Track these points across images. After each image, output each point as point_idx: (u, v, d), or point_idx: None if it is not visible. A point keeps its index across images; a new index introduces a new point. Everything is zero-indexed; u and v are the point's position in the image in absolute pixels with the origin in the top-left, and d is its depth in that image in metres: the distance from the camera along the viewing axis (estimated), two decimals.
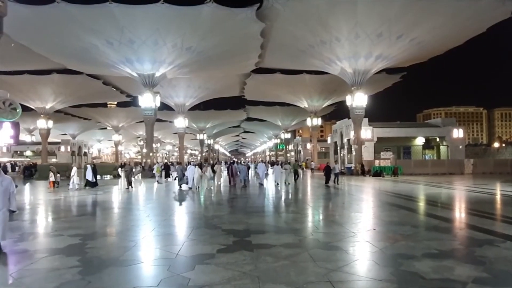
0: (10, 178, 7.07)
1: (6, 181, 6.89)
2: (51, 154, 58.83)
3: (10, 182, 6.98)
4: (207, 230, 8.75)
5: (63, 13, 23.97)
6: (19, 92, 37.36)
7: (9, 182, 6.93)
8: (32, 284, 4.99)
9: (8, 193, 6.86)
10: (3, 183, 6.83)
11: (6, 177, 6.98)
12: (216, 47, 29.22)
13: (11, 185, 6.96)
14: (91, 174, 21.16)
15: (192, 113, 54.11)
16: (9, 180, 6.98)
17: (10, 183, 6.97)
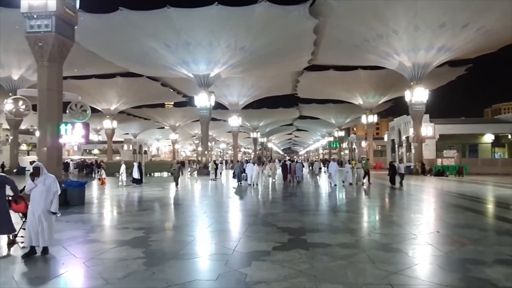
0: (53, 177, 6.54)
1: (49, 180, 6.42)
2: (115, 152, 62.84)
3: (54, 181, 6.47)
4: (262, 227, 8.83)
5: (126, 20, 25.50)
6: (87, 95, 40.34)
7: (52, 181, 6.43)
8: (103, 273, 5.38)
9: (51, 193, 6.37)
10: (46, 182, 6.36)
11: (49, 176, 6.51)
12: (268, 45, 29.33)
13: (54, 184, 6.45)
14: (137, 172, 22.39)
15: (245, 112, 54.83)
16: (52, 179, 6.48)
17: (54, 182, 6.46)
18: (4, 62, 31.33)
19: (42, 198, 6.26)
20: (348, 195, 16.53)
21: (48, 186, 6.34)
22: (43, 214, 6.21)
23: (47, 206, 6.30)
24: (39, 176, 6.35)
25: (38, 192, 6.28)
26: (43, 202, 6.27)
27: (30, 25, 12.39)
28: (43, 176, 6.39)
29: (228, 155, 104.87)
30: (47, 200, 6.31)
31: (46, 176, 6.44)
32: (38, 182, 6.30)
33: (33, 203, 6.30)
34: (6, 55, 30.33)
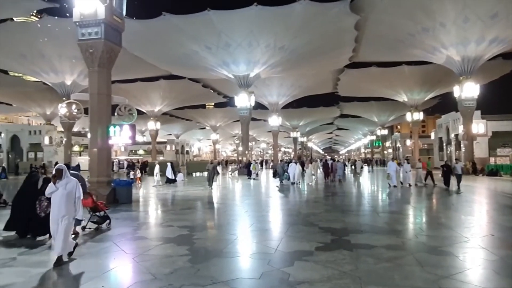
0: (76, 181, 6.09)
1: (71, 184, 5.96)
2: (159, 152, 65.05)
3: (76, 185, 6.02)
4: (303, 227, 8.78)
5: (168, 24, 26.34)
6: (133, 97, 42.11)
7: (74, 185, 5.99)
8: (151, 268, 5.60)
9: (73, 198, 5.93)
10: (67, 186, 5.90)
11: (71, 179, 6.06)
12: (308, 44, 29.04)
13: (77, 188, 6.01)
14: (170, 171, 22.99)
15: (285, 111, 54.65)
16: (75, 182, 6.03)
17: (76, 186, 6.02)
18: (58, 68, 33.44)
19: (62, 202, 5.80)
20: (396, 196, 15.99)
21: (70, 191, 5.89)
22: (62, 220, 5.76)
23: (67, 211, 5.83)
24: (62, 179, 5.92)
25: (58, 196, 5.85)
26: (64, 207, 5.80)
27: (82, 33, 13.15)
28: (66, 179, 5.94)
29: (268, 154, 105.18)
30: (67, 205, 5.83)
31: (68, 179, 5.99)
32: (59, 186, 5.87)
33: (53, 208, 5.91)
34: (60, 62, 32.38)
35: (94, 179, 13.33)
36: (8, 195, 14.19)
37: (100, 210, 8.83)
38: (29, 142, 45.02)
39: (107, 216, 8.91)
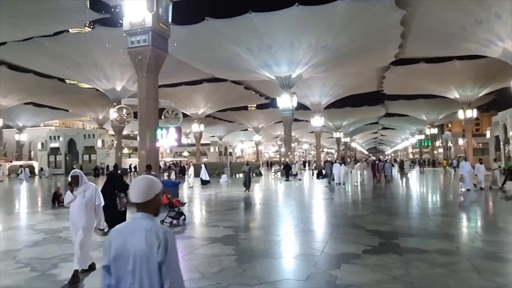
0: (94, 187, 5.53)
1: (89, 191, 5.43)
2: (203, 154, 66.66)
3: (95, 191, 5.48)
4: (350, 229, 8.60)
5: (211, 28, 26.91)
6: (178, 101, 43.43)
7: (93, 192, 5.45)
8: (199, 267, 5.76)
9: (92, 205, 5.41)
10: (86, 193, 5.37)
11: (90, 186, 5.49)
12: (351, 42, 28.39)
13: (96, 195, 5.47)
14: (205, 173, 23.33)
15: (328, 112, 53.80)
16: (94, 188, 5.49)
17: (95, 192, 5.48)
18: (110, 75, 35.35)
19: (82, 212, 5.27)
20: (450, 198, 15.22)
21: (88, 198, 5.36)
22: (83, 231, 5.25)
23: (87, 221, 5.31)
24: (79, 186, 5.38)
25: (76, 205, 5.31)
26: (84, 217, 5.27)
27: (131, 41, 13.81)
28: (83, 186, 5.39)
29: (310, 155, 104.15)
30: (87, 215, 5.31)
31: (86, 186, 5.42)
32: (77, 194, 5.33)
33: (73, 219, 5.38)
34: (111, 69, 34.22)
35: None
36: None
37: (175, 207, 9.86)
38: (84, 145, 47.91)
39: (182, 212, 9.94)
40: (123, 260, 1.94)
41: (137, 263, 1.92)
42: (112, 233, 2.04)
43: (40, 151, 49.22)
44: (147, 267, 1.91)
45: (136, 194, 2.04)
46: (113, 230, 2.06)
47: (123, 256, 1.94)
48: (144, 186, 2.06)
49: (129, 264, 1.93)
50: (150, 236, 1.94)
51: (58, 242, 7.68)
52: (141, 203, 2.04)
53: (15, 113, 50.52)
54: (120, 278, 1.94)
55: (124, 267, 1.94)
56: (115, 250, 1.96)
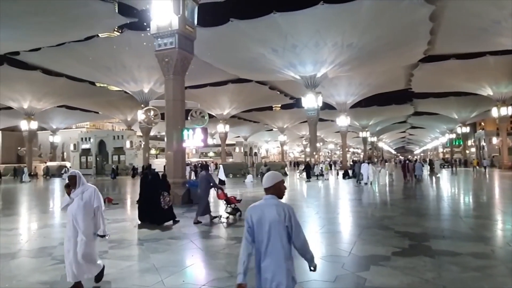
0: (93, 188, 4.96)
1: (87, 193, 4.86)
2: (228, 154, 67.16)
3: (94, 193, 4.90)
4: (378, 231, 8.44)
5: (236, 29, 27.09)
6: (203, 102, 43.95)
7: (91, 194, 4.88)
8: (226, 266, 5.82)
9: (91, 209, 4.83)
10: (84, 195, 4.82)
11: (89, 187, 4.93)
12: (378, 40, 27.84)
13: (95, 198, 4.89)
14: (223, 173, 23.53)
15: (353, 111, 53.00)
16: (92, 190, 4.92)
17: (94, 194, 4.89)
18: (138, 78, 36.27)
19: (79, 216, 4.72)
20: (483, 199, 14.67)
21: (86, 201, 4.81)
22: (81, 237, 4.70)
23: (86, 226, 4.75)
24: (76, 187, 4.85)
25: (73, 209, 4.78)
26: (81, 221, 4.72)
27: (158, 44, 14.13)
28: (81, 187, 4.85)
29: (336, 155, 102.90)
30: (85, 219, 4.75)
31: (85, 187, 4.88)
32: (74, 196, 4.80)
33: (68, 224, 4.85)
34: (139, 72, 35.09)
35: (170, 180, 14.14)
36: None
37: (232, 203, 10.58)
38: (113, 146, 49.33)
39: (238, 208, 10.54)
40: (261, 225, 2.92)
41: (271, 227, 2.90)
42: (250, 209, 3.04)
43: (73, 152, 51.06)
44: (277, 229, 2.90)
45: (266, 181, 3.08)
46: (251, 207, 3.06)
47: (261, 222, 2.92)
48: (270, 177, 3.10)
49: (265, 227, 2.90)
50: (279, 209, 2.94)
51: None
52: (270, 187, 3.05)
53: (49, 115, 52.72)
54: (258, 236, 2.94)
55: (261, 229, 2.92)
56: (256, 218, 2.95)
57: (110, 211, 12.51)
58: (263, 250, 2.92)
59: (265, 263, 2.92)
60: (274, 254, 2.89)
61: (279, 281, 2.86)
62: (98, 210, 4.88)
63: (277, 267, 2.88)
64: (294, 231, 2.94)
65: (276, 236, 2.88)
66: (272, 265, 2.89)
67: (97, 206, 4.88)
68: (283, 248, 2.89)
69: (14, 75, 35.90)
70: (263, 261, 2.93)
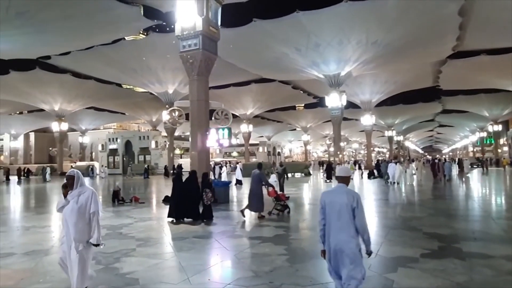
0: (91, 191, 4.40)
1: (84, 195, 4.33)
2: (252, 154, 67.26)
3: (91, 196, 4.35)
4: (406, 232, 8.24)
5: (259, 29, 27.12)
6: (227, 102, 44.21)
7: (88, 197, 4.33)
8: (251, 265, 5.83)
9: (86, 214, 4.30)
10: (80, 198, 4.30)
11: (86, 189, 4.40)
12: (404, 36, 27.18)
13: (92, 202, 4.33)
14: (240, 173, 23.52)
15: (379, 110, 52.03)
16: (90, 193, 4.37)
17: (91, 197, 4.34)
18: (162, 79, 36.93)
19: (72, 221, 4.24)
20: (504, 198, 14.08)
21: (82, 205, 4.28)
22: (75, 245, 4.22)
23: (80, 233, 4.25)
24: (73, 189, 4.36)
25: (67, 213, 4.29)
26: (73, 228, 4.23)
27: (183, 45, 14.33)
28: (78, 189, 4.35)
29: (360, 155, 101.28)
30: (78, 225, 4.24)
31: (82, 189, 4.37)
32: (70, 198, 4.32)
33: (65, 229, 4.35)
34: (164, 73, 35.73)
35: None
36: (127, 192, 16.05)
37: (282, 200, 10.94)
38: (139, 147, 50.37)
39: (287, 205, 10.99)
40: (333, 206, 3.73)
41: (341, 208, 3.68)
42: (324, 194, 3.92)
43: (101, 152, 52.53)
44: (346, 210, 3.66)
45: (341, 172, 3.96)
46: (324, 192, 3.95)
47: (333, 204, 3.74)
48: (344, 170, 4.01)
49: (336, 208, 3.71)
50: (349, 194, 3.73)
51: (119, 238, 8.15)
52: (343, 177, 3.90)
53: (79, 117, 54.49)
54: (330, 214, 3.76)
55: (333, 209, 3.73)
56: (328, 201, 3.80)
57: (137, 209, 12.80)
58: (333, 225, 3.71)
59: (334, 235, 3.69)
60: (342, 229, 3.65)
61: (345, 248, 3.62)
62: (94, 216, 4.33)
63: (344, 238, 3.64)
64: (358, 213, 3.65)
65: (345, 215, 3.65)
66: (340, 236, 3.66)
67: (93, 211, 4.32)
68: (349, 225, 3.64)
69: (46, 78, 37.37)
70: (333, 234, 3.70)
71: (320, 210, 3.86)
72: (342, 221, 3.64)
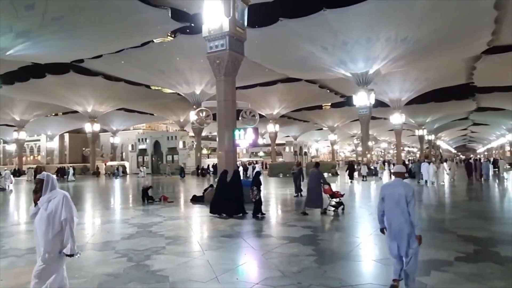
0: (62, 195, 3.81)
1: (54, 201, 3.77)
2: (278, 154, 67.11)
3: (62, 201, 3.77)
4: (438, 234, 7.97)
5: (285, 29, 27.02)
6: (253, 102, 44.29)
7: (59, 202, 3.76)
8: (279, 265, 5.81)
9: (56, 222, 3.72)
10: (49, 205, 3.75)
11: (56, 194, 3.81)
12: (435, 32, 26.30)
13: (63, 208, 3.75)
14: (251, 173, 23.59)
15: (409, 108, 50.62)
16: (61, 197, 3.79)
17: (62, 203, 3.76)
18: (190, 80, 37.51)
19: (40, 230, 3.71)
20: None
21: (51, 211, 3.73)
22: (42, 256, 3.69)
23: (50, 244, 3.70)
24: (43, 194, 3.81)
25: (37, 221, 3.79)
26: (42, 237, 3.69)
27: (210, 46, 14.47)
28: (48, 194, 3.79)
29: (389, 154, 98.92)
30: (46, 234, 3.69)
31: (52, 194, 3.81)
32: (40, 205, 3.79)
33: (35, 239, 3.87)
34: (191, 74, 36.28)
35: None
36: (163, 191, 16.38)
37: (337, 197, 11.41)
38: (167, 147, 51.35)
39: (341, 202, 11.40)
40: (392, 196, 4.57)
41: (399, 197, 4.50)
42: (384, 186, 4.84)
43: (131, 152, 53.96)
44: (402, 199, 4.48)
45: (397, 169, 4.99)
46: (384, 184, 4.91)
47: (393, 195, 4.57)
48: (400, 168, 5.01)
49: (395, 197, 4.53)
50: (405, 187, 4.56)
51: (149, 236, 8.34)
52: (399, 173, 4.85)
53: (110, 118, 56.20)
54: (389, 203, 4.60)
55: (392, 199, 4.56)
56: (388, 192, 4.65)
57: (166, 208, 13.06)
58: (393, 211, 4.54)
59: (396, 219, 4.51)
60: (402, 214, 4.47)
61: (403, 230, 4.45)
62: (65, 224, 3.73)
63: (403, 221, 4.46)
64: (410, 202, 4.45)
65: (402, 202, 4.47)
66: (400, 220, 4.48)
67: (65, 218, 3.73)
68: (406, 211, 4.46)
69: (79, 81, 38.79)
70: (394, 218, 4.53)
71: (380, 199, 4.72)
72: (401, 208, 4.47)
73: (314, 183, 11.26)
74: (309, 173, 11.83)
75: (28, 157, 71.44)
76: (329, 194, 11.54)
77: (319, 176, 11.44)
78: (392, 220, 4.53)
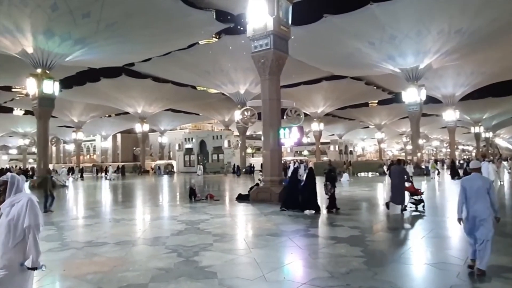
0: (27, 199, 3.22)
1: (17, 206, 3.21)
2: (323, 153, 66.11)
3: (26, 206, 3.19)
4: (500, 238, 7.34)
5: (330, 25, 26.54)
6: (297, 100, 43.77)
7: (22, 208, 3.19)
8: (327, 266, 5.71)
9: (17, 229, 3.16)
10: (12, 210, 3.20)
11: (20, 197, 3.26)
12: (492, 23, 24.56)
13: (27, 213, 3.17)
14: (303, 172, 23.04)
15: (463, 104, 47.71)
16: (25, 201, 3.21)
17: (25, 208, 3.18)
18: (234, 80, 38.05)
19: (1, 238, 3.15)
20: None
21: (14, 216, 3.18)
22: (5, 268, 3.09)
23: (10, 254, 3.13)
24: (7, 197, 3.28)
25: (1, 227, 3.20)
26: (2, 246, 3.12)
27: (254, 46, 14.57)
28: (11, 197, 3.26)
29: (442, 153, 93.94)
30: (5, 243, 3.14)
31: (15, 198, 3.27)
32: (2, 209, 3.26)
33: None
34: (235, 74, 36.77)
35: (267, 178, 14.54)
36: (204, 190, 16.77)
37: (417, 194, 11.49)
38: (213, 146, 52.45)
39: (422, 200, 11.42)
40: (472, 188, 5.24)
41: (478, 189, 5.20)
42: (465, 179, 5.50)
43: (178, 152, 55.73)
44: (482, 190, 5.20)
45: (473, 165, 5.71)
46: (464, 178, 5.58)
47: (472, 187, 5.24)
48: (476, 164, 5.79)
49: (474, 189, 5.22)
50: (483, 180, 5.36)
51: (197, 232, 8.55)
52: (476, 169, 5.61)
53: (158, 118, 58.43)
54: (470, 194, 5.25)
55: (472, 190, 5.23)
56: (468, 185, 5.30)
57: (212, 206, 13.33)
58: (472, 201, 5.22)
59: (474, 208, 5.19)
60: (478, 202, 5.18)
61: (483, 217, 5.13)
62: (29, 232, 3.16)
63: (481, 210, 5.15)
64: (491, 192, 5.21)
65: (480, 193, 5.19)
66: (478, 209, 5.17)
67: (28, 225, 3.15)
68: (483, 200, 5.17)
69: (130, 83, 40.77)
70: (473, 207, 5.20)
71: (461, 191, 5.32)
72: (478, 197, 5.15)
73: (397, 180, 11.32)
74: (392, 170, 12.00)
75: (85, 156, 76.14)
76: (410, 192, 11.58)
77: (404, 172, 11.53)
78: (470, 209, 5.19)
